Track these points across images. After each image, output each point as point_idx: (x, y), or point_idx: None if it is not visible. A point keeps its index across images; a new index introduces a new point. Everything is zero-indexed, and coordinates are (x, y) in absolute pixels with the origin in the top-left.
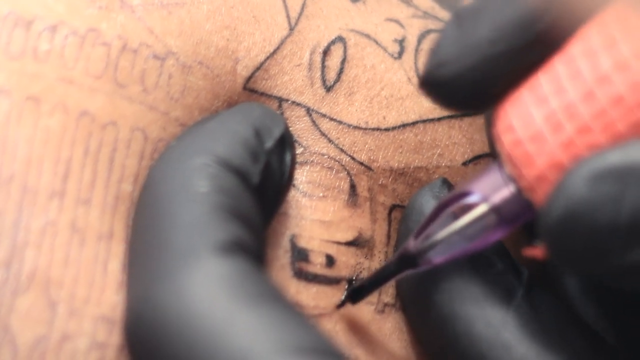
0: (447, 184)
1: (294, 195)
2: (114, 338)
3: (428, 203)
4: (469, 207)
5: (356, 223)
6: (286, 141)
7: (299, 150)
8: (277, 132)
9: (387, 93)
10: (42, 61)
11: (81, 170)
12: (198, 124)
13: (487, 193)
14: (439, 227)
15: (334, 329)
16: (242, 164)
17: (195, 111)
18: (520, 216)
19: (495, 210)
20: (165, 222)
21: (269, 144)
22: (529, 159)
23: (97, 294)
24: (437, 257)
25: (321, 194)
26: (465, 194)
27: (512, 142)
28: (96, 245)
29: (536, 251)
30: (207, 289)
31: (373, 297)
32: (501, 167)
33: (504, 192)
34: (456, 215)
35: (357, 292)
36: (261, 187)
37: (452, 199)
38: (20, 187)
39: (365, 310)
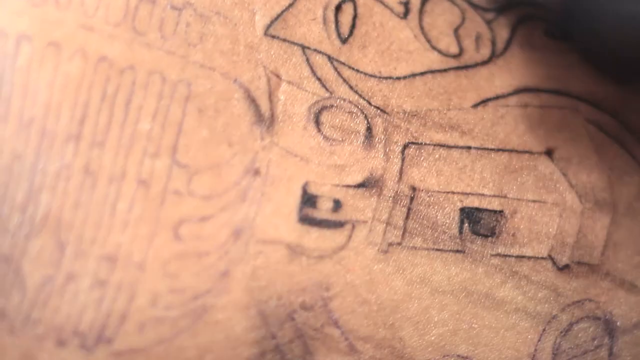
0: None
1: (317, 140)
2: (115, 276)
3: None
4: None
5: (369, 164)
6: None
7: (325, 95)
8: None
9: (396, 47)
10: (63, 8)
11: (97, 113)
12: None
13: None
14: None
15: (334, 270)
16: None
17: (216, 54)
18: None
19: None
20: None
21: None
22: None
23: (104, 234)
24: None
25: (340, 138)
26: None
27: None
28: (107, 187)
29: None
30: None
31: (377, 237)
32: None
33: None
34: None
35: None
36: None
37: None
38: (39, 131)
39: (367, 251)
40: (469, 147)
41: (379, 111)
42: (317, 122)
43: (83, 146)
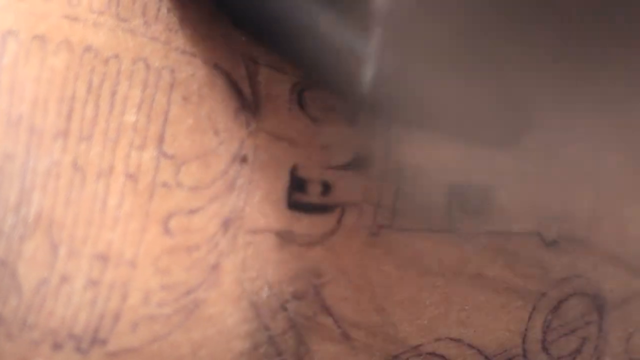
0: None
1: (303, 121)
2: (108, 275)
3: None
4: None
5: (355, 142)
6: None
7: None
8: None
9: None
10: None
11: (83, 106)
12: None
13: None
14: None
15: (325, 256)
16: None
17: (197, 37)
18: None
19: None
20: None
21: None
22: None
23: (95, 232)
24: None
25: (325, 117)
26: None
27: None
28: (96, 183)
29: None
30: None
31: (367, 220)
32: None
33: None
34: None
35: None
36: None
37: None
38: (27, 128)
39: (357, 235)
40: None
41: None
42: (301, 103)
43: (71, 142)
